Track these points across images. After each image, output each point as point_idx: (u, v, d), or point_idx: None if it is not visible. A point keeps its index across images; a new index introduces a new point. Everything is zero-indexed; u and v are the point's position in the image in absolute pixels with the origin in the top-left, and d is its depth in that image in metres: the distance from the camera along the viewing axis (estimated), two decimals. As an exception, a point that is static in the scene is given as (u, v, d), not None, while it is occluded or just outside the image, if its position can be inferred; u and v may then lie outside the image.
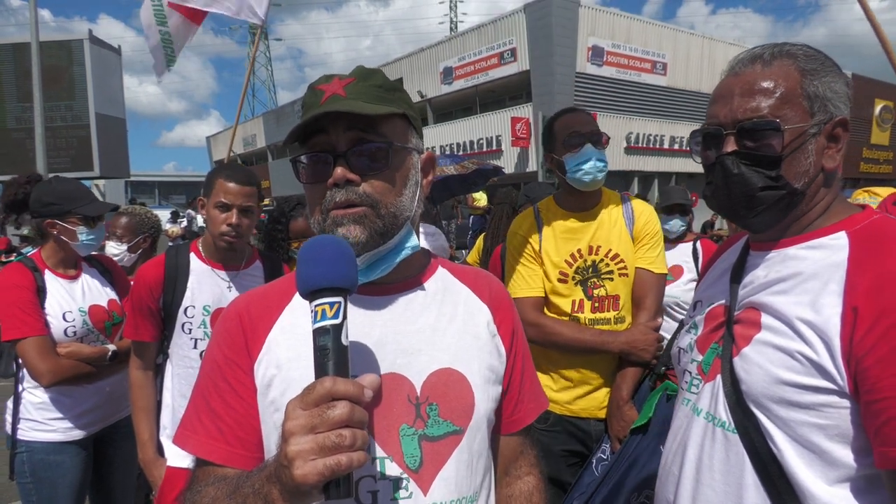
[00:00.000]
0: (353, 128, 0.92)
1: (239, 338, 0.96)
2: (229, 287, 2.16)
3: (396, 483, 0.90)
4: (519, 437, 1.13)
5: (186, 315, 2.09)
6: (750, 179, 1.06)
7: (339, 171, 0.91)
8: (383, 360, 0.94)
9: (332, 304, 0.76)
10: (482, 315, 1.06)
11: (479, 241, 4.30)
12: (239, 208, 2.05)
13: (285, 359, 0.93)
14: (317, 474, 0.67)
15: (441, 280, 1.07)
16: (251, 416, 0.93)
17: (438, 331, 0.99)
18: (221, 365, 0.95)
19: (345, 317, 0.77)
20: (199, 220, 13.27)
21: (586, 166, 2.03)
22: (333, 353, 0.74)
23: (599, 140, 2.06)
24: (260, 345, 0.95)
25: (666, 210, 3.67)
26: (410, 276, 1.03)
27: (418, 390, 0.94)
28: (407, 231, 1.00)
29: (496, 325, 1.07)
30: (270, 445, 0.92)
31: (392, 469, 0.90)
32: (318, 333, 0.75)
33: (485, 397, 0.99)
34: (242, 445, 0.93)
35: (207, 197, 2.08)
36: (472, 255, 4.40)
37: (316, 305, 0.77)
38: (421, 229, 2.99)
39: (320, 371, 0.74)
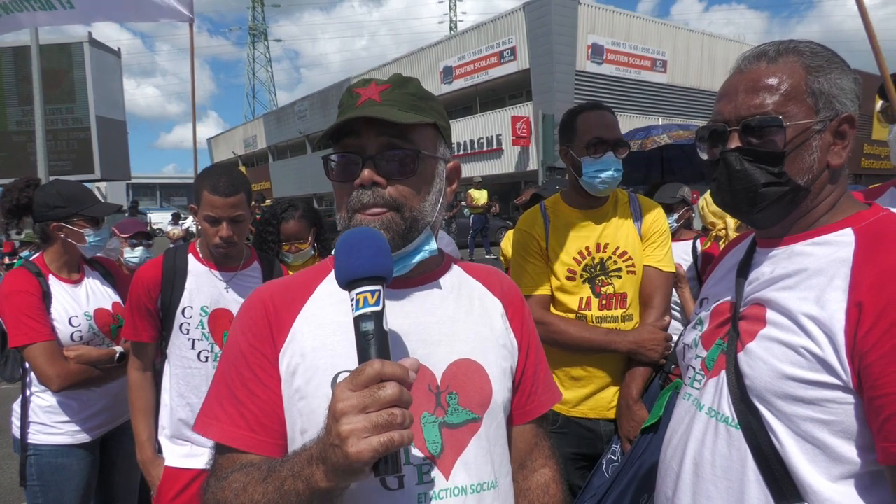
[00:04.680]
0: (384, 133, 0.96)
1: (264, 327, 0.98)
2: (226, 288, 2.15)
3: (420, 468, 0.93)
4: (532, 427, 1.15)
5: (184, 316, 2.08)
6: (752, 175, 1.06)
7: (366, 172, 0.95)
8: (405, 350, 0.96)
9: (373, 293, 0.79)
10: (496, 309, 1.11)
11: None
12: (228, 220, 2.03)
13: (310, 348, 0.95)
14: (371, 451, 0.69)
15: (456, 276, 1.11)
16: (275, 403, 0.95)
17: (457, 322, 1.03)
18: (245, 353, 0.97)
19: (384, 304, 0.80)
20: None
21: (604, 175, 2.01)
22: (376, 338, 0.77)
23: (622, 148, 2.04)
24: (285, 334, 0.98)
25: None
26: (427, 272, 1.07)
27: (438, 380, 0.98)
28: (427, 235, 1.03)
29: (509, 318, 1.12)
30: (294, 433, 0.94)
31: (416, 455, 0.93)
32: (360, 320, 0.78)
33: (501, 387, 1.03)
34: (267, 433, 0.94)
35: (197, 205, 2.07)
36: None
37: (357, 294, 0.79)
38: None
39: (364, 355, 0.77)
